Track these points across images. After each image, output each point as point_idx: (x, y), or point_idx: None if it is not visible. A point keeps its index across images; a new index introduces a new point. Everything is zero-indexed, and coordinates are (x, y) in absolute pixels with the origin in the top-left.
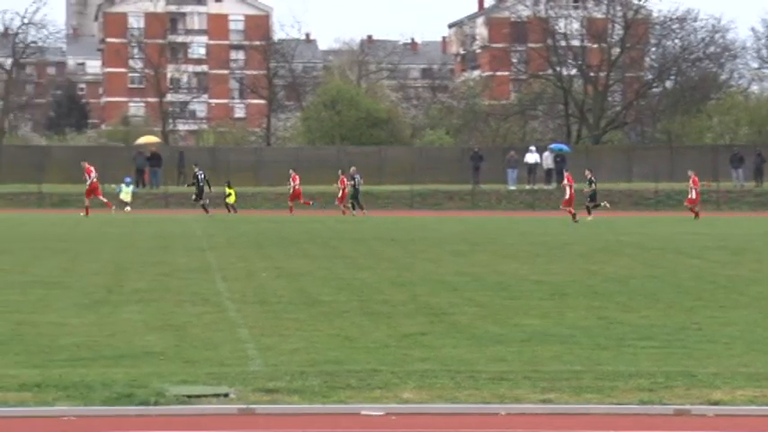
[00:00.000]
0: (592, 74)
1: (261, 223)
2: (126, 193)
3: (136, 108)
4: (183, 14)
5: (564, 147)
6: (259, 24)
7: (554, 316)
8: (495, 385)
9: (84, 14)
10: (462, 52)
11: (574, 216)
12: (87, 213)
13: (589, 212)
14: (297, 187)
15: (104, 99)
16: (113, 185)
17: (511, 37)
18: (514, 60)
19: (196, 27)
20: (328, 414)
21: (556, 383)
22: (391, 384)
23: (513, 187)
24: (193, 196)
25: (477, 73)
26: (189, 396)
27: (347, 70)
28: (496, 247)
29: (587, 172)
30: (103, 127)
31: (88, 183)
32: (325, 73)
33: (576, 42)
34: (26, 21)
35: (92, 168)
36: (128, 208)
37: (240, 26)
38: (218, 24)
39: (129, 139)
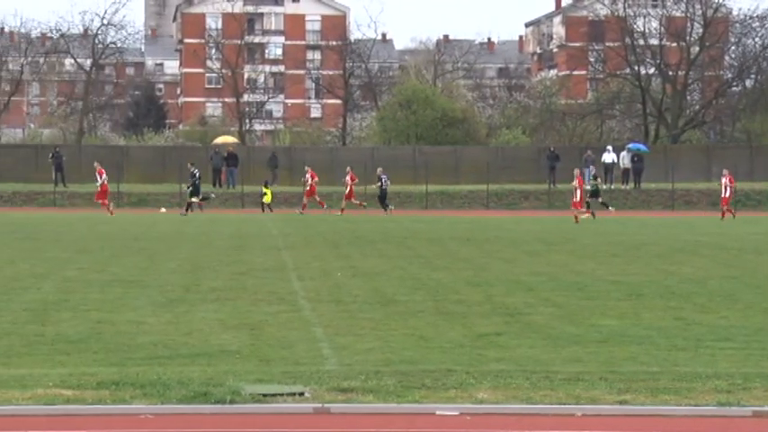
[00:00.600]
0: (670, 73)
1: (336, 223)
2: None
3: (213, 108)
4: (261, 15)
5: (642, 146)
6: (336, 24)
7: (631, 316)
8: (570, 386)
9: (163, 15)
10: (539, 51)
11: (576, 218)
12: (112, 213)
13: (589, 208)
14: (313, 184)
15: (182, 99)
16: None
17: (588, 36)
18: (592, 59)
19: (273, 27)
20: (403, 414)
21: (632, 384)
22: (466, 384)
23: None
24: (189, 194)
25: (553, 72)
26: (264, 395)
27: (423, 70)
28: (573, 247)
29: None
30: (181, 127)
31: (99, 184)
32: (401, 73)
33: (654, 41)
34: (105, 22)
35: (103, 170)
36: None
37: (317, 26)
38: (295, 25)
39: (206, 139)
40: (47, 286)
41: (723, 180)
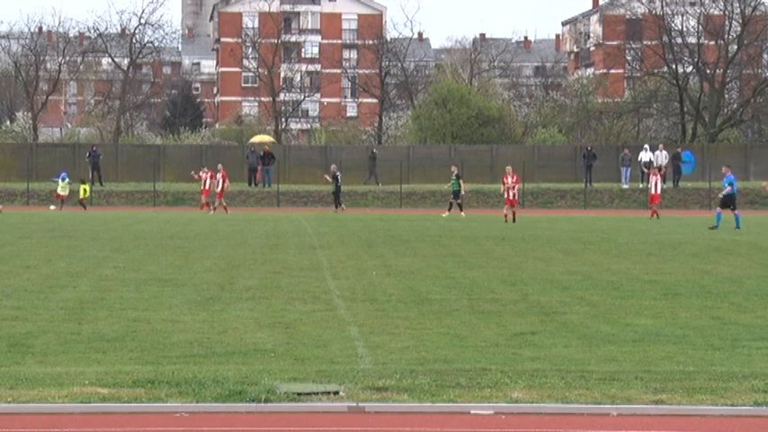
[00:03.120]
0: (708, 71)
1: (371, 221)
2: (63, 187)
3: (249, 107)
4: (297, 14)
5: (691, 157)
6: (372, 23)
7: (666, 316)
8: (606, 385)
9: (200, 14)
10: (576, 50)
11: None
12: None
13: (461, 209)
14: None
15: (218, 98)
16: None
17: (625, 34)
18: (629, 58)
19: (309, 26)
20: (438, 413)
21: (668, 384)
22: (501, 384)
23: (626, 186)
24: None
25: (590, 71)
26: (299, 394)
27: (459, 69)
28: (608, 246)
29: (453, 168)
30: (217, 126)
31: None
32: (437, 71)
33: (692, 39)
34: (143, 21)
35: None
36: (52, 207)
37: (353, 25)
38: (331, 24)
39: (242, 138)
40: (83, 285)
41: None
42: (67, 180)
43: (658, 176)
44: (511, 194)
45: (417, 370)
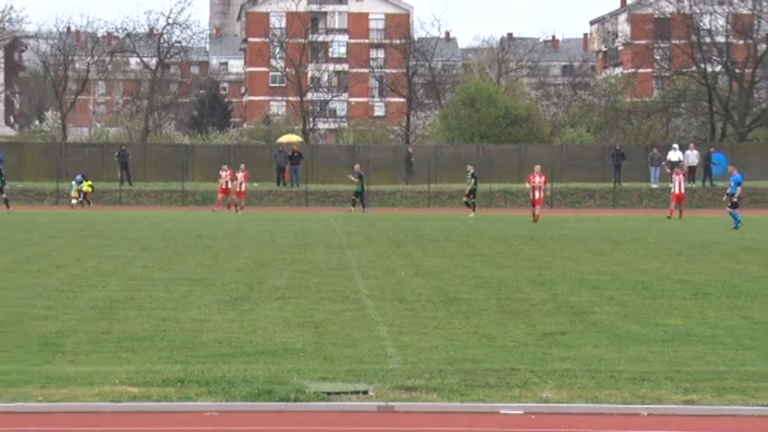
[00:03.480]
0: (737, 70)
1: (399, 221)
2: (77, 189)
3: (277, 107)
4: (325, 13)
5: (722, 158)
6: (399, 23)
7: (697, 316)
8: (636, 385)
9: (227, 14)
10: (604, 49)
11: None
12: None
13: (468, 206)
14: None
15: (246, 98)
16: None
17: (654, 33)
18: (657, 57)
19: (337, 26)
20: (467, 413)
21: (698, 384)
22: (530, 383)
23: (655, 185)
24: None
25: (618, 70)
26: (328, 393)
27: (487, 68)
28: (638, 246)
29: (469, 167)
30: (245, 126)
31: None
32: (465, 71)
33: (720, 38)
34: (171, 21)
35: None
36: (74, 201)
37: (380, 25)
38: (358, 23)
39: (270, 138)
40: (113, 284)
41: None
42: (82, 182)
43: (681, 176)
44: (536, 194)
45: (446, 370)
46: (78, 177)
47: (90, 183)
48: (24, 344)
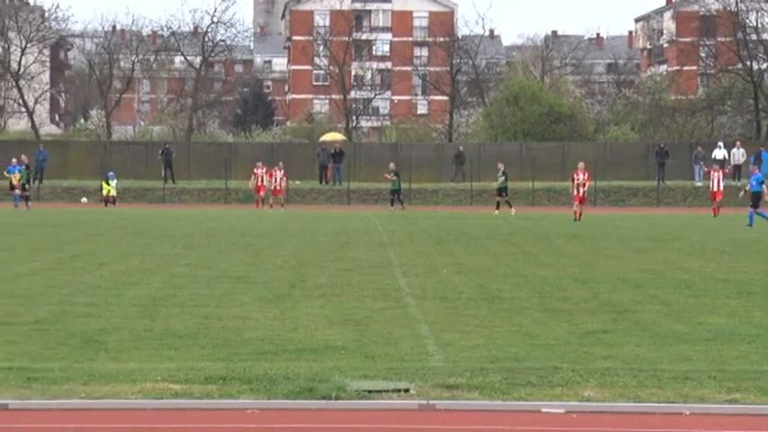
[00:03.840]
0: None
1: (441, 219)
2: (110, 188)
3: (320, 105)
4: (368, 12)
5: None
6: (443, 21)
7: (740, 315)
8: (678, 384)
9: (271, 13)
10: (649, 47)
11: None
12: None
13: (498, 207)
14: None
15: (290, 96)
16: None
17: (699, 31)
18: (702, 54)
19: (381, 24)
20: (508, 411)
21: (742, 383)
22: (572, 382)
23: (699, 183)
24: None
25: (663, 68)
26: (369, 391)
27: (531, 66)
28: (681, 245)
29: (500, 165)
30: (288, 124)
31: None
32: (509, 69)
33: (767, 36)
34: (215, 20)
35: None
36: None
37: (424, 23)
38: (402, 21)
39: (313, 136)
40: (155, 282)
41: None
42: (116, 181)
43: (720, 173)
44: (581, 191)
45: (488, 368)
46: (110, 174)
47: (106, 183)
48: (67, 341)
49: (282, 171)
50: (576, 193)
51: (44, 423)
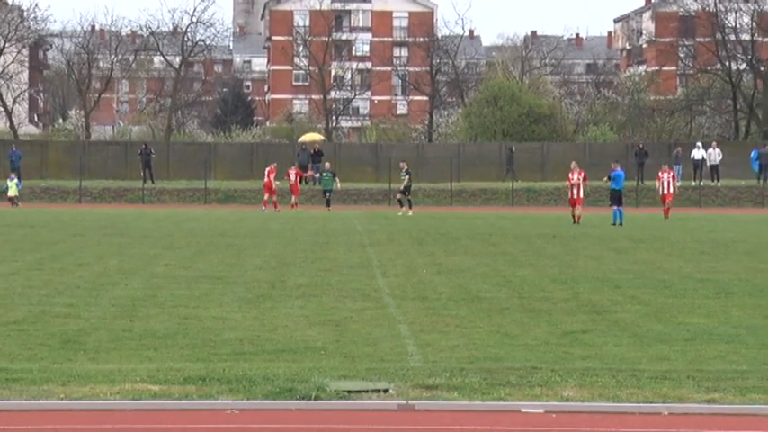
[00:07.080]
0: (762, 68)
1: (421, 219)
2: (12, 188)
3: (300, 105)
4: (348, 12)
5: None
6: (423, 21)
7: (719, 314)
8: (657, 384)
9: (251, 13)
10: (628, 47)
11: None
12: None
13: (401, 205)
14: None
15: (269, 96)
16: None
17: (678, 31)
18: (681, 55)
19: (360, 24)
20: (488, 411)
21: (720, 383)
22: (551, 382)
23: (678, 184)
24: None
25: (642, 68)
26: (349, 391)
27: (510, 66)
28: (660, 245)
29: (402, 164)
30: (268, 124)
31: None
32: (488, 69)
33: (745, 36)
34: (195, 19)
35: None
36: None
37: (404, 23)
38: (382, 21)
39: (293, 136)
40: (135, 282)
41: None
42: (16, 181)
43: (669, 173)
44: (575, 193)
45: (467, 368)
46: (12, 176)
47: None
48: (46, 342)
49: (295, 170)
50: (571, 195)
51: (23, 424)
